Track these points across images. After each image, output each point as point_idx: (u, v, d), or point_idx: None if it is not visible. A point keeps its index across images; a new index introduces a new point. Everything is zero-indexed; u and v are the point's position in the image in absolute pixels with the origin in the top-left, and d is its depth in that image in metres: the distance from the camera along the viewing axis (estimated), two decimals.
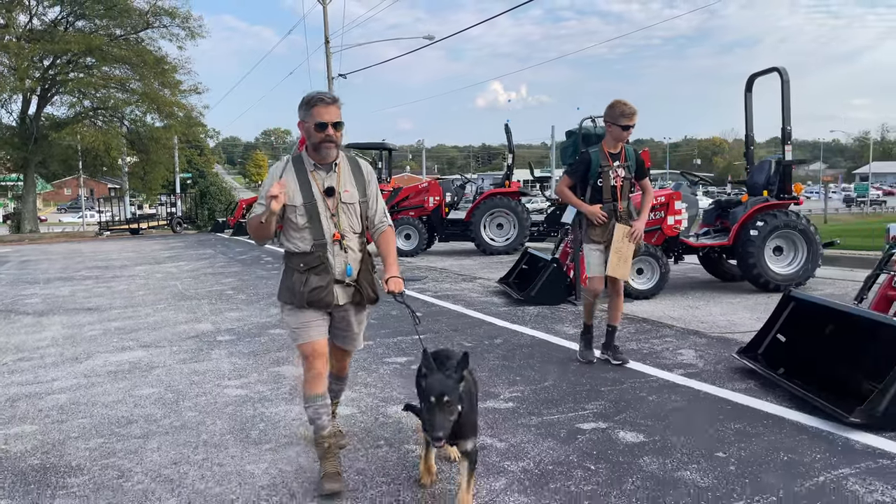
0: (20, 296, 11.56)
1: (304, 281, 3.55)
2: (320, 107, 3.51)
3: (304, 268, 3.57)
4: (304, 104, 3.57)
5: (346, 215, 3.64)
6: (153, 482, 3.68)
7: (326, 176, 3.62)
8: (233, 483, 3.64)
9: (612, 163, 5.65)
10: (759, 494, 3.29)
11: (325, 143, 3.53)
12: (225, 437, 4.34)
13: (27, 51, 32.40)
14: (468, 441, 3.13)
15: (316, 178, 3.61)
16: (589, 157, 5.69)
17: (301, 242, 3.59)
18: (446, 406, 2.94)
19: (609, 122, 5.65)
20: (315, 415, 3.60)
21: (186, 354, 6.72)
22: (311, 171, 3.61)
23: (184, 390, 5.45)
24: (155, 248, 22.99)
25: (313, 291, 3.53)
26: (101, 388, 5.58)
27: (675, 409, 4.61)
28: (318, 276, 3.55)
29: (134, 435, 4.44)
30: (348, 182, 3.67)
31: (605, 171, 5.62)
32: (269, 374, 5.86)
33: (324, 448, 3.60)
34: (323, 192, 3.59)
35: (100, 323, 8.65)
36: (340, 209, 3.61)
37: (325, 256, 3.57)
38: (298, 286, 3.55)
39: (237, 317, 8.73)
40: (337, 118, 3.54)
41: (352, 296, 3.66)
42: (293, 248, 3.61)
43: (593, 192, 5.69)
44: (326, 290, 3.55)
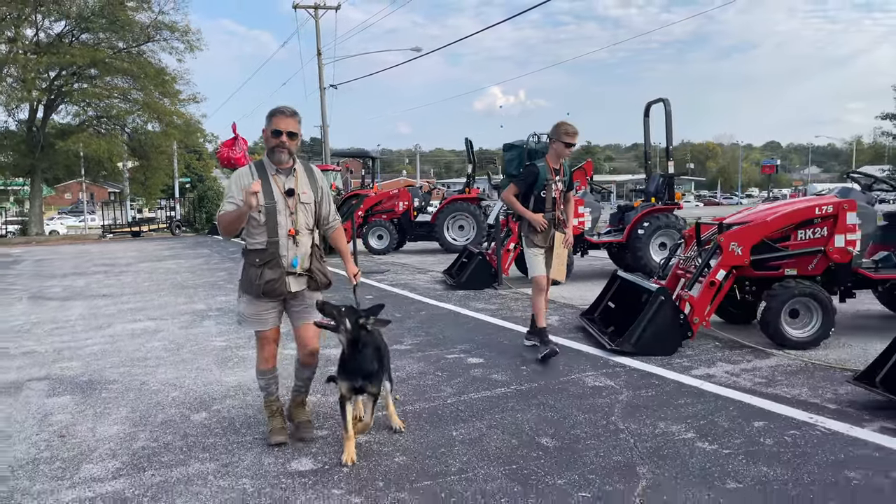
0: (43, 286, 13.68)
1: (259, 274, 4.07)
2: (279, 117, 4.09)
3: (260, 262, 4.08)
4: (268, 115, 4.13)
5: (304, 214, 4.17)
6: (163, 385, 5.82)
7: (286, 179, 4.15)
8: (213, 385, 5.77)
9: (554, 177, 6.27)
10: (535, 382, 5.42)
11: (278, 147, 4.08)
12: (210, 366, 6.47)
13: (34, 63, 34.45)
14: (374, 384, 4.02)
15: (277, 181, 4.14)
16: (537, 170, 6.26)
17: (258, 238, 4.12)
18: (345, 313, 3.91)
19: (554, 140, 6.25)
20: (266, 385, 4.40)
21: (184, 323, 8.86)
22: (272, 174, 4.14)
23: (182, 343, 7.59)
24: (156, 248, 25.14)
25: (268, 283, 4.06)
26: (123, 343, 7.70)
27: (515, 346, 6.76)
28: (272, 270, 4.07)
29: (149, 365, 6.58)
30: (305, 185, 4.21)
31: (549, 184, 6.24)
32: (245, 334, 7.97)
33: (272, 409, 4.40)
34: (284, 194, 4.10)
35: (114, 305, 10.77)
36: (299, 208, 4.14)
37: (278, 252, 4.09)
38: (255, 279, 4.08)
39: (226, 299, 10.86)
40: (292, 128, 4.10)
41: (305, 283, 4.21)
42: (253, 243, 4.14)
43: (536, 201, 6.28)
44: (279, 282, 4.09)
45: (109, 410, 5.14)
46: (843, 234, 6.45)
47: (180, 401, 5.35)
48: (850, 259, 6.52)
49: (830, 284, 6.66)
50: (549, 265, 6.38)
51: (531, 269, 6.40)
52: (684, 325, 6.30)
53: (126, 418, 4.95)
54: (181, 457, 4.16)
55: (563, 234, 6.32)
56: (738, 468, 3.72)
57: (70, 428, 4.77)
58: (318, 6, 38.96)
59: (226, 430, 4.61)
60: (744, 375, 5.52)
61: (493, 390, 5.34)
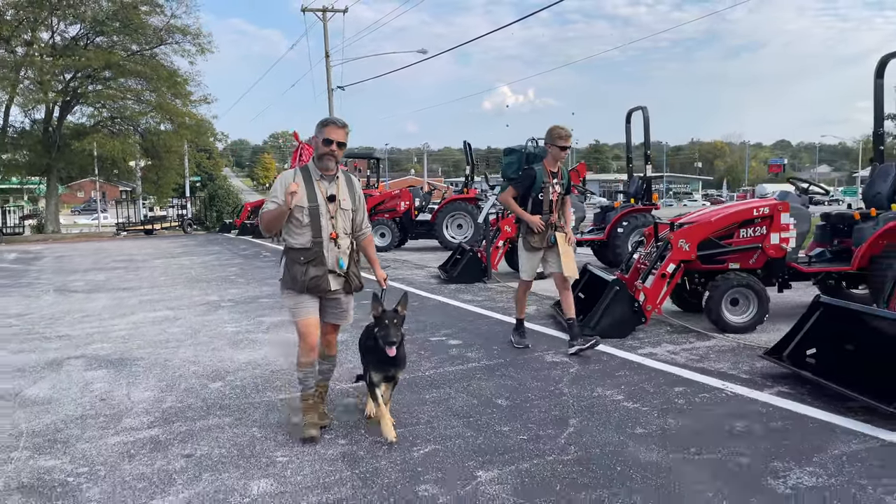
0: (67, 280, 14.68)
1: (304, 271, 4.36)
2: (331, 127, 4.40)
3: (304, 260, 4.37)
4: (320, 124, 4.44)
5: (342, 219, 4.47)
6: (183, 362, 6.76)
7: (329, 185, 4.46)
8: (226, 361, 6.72)
9: (551, 180, 6.51)
10: (503, 359, 6.33)
11: (327, 155, 4.38)
12: (223, 347, 7.41)
13: (50, 65, 35.56)
14: (401, 371, 4.60)
15: (320, 186, 4.44)
16: (534, 173, 6.49)
17: (301, 238, 4.39)
18: (396, 325, 4.34)
19: (549, 144, 6.49)
20: (304, 377, 4.57)
21: (200, 312, 9.81)
22: (316, 180, 4.44)
23: (199, 328, 8.54)
24: (169, 245, 26.17)
25: (312, 280, 4.36)
26: (145, 329, 8.66)
27: (493, 331, 7.67)
28: (316, 268, 4.36)
29: (170, 346, 7.53)
30: (345, 192, 4.52)
31: (546, 187, 6.47)
32: (255, 321, 8.94)
33: (307, 404, 4.57)
34: (326, 199, 4.41)
35: (135, 297, 11.75)
36: (339, 213, 4.45)
37: (321, 251, 4.38)
38: (300, 276, 4.36)
39: (237, 292, 11.82)
40: (342, 139, 4.42)
41: (342, 284, 4.52)
42: (294, 243, 4.42)
43: (534, 204, 6.51)
44: (323, 279, 4.38)
45: (139, 381, 6.09)
46: (778, 232, 7.37)
47: (199, 373, 6.29)
48: (785, 254, 7.43)
49: (769, 277, 7.56)
50: (554, 266, 6.56)
51: (522, 270, 6.70)
52: (638, 312, 7.21)
53: (154, 386, 5.90)
54: (202, 413, 5.10)
55: (563, 233, 6.53)
56: (650, 420, 4.63)
57: (108, 393, 5.71)
58: (326, 9, 40.00)
59: (238, 395, 5.55)
60: (682, 353, 6.43)
61: (465, 365, 6.27)
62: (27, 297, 12.13)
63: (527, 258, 6.62)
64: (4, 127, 38.05)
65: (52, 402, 5.52)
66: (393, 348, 4.30)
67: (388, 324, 4.33)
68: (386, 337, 4.30)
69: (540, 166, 6.53)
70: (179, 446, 4.43)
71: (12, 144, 38.39)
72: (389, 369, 4.48)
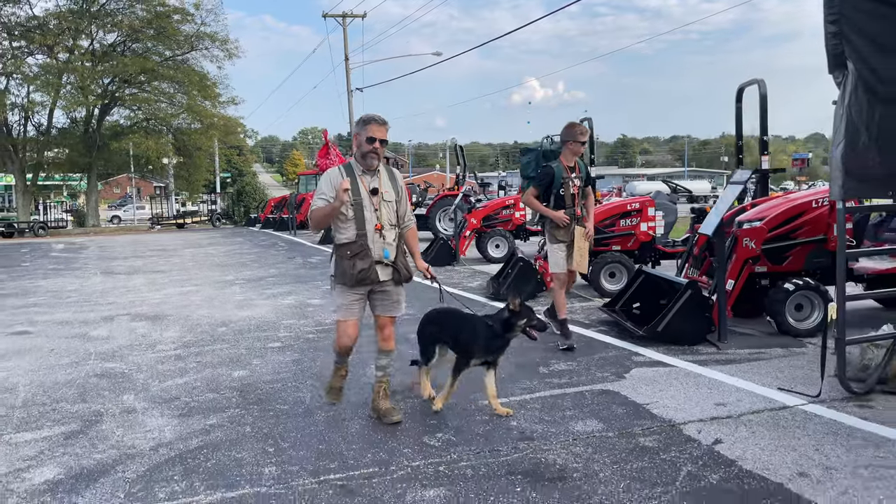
0: (111, 265, 17.38)
1: (352, 265, 4.43)
2: (373, 125, 4.48)
3: (350, 255, 4.44)
4: (361, 121, 4.54)
5: (387, 210, 4.56)
6: (200, 317, 9.27)
7: (371, 179, 4.54)
8: (231, 316, 9.23)
9: (570, 174, 6.63)
10: None
11: (371, 153, 4.47)
12: (231, 308, 9.93)
13: (90, 71, 38.53)
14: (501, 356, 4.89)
15: (363, 181, 4.53)
16: (552, 170, 6.61)
17: (347, 232, 4.49)
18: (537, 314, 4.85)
19: (568, 141, 6.65)
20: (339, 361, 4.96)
21: (217, 287, 12.37)
22: (359, 175, 4.53)
23: (214, 297, 11.08)
24: (198, 237, 28.95)
25: (361, 272, 4.44)
26: (174, 298, 11.22)
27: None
28: (362, 261, 4.44)
29: (191, 308, 10.06)
30: (387, 184, 4.61)
31: (566, 181, 6.58)
32: (258, 292, 11.46)
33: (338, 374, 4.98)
34: (369, 192, 4.50)
35: (166, 277, 14.36)
36: (383, 205, 4.53)
37: (366, 244, 4.46)
38: (349, 270, 4.44)
39: (249, 273, 14.37)
40: (383, 136, 4.51)
41: (391, 274, 4.62)
42: (341, 237, 4.53)
43: (556, 199, 6.63)
44: (371, 271, 4.46)
45: (168, 327, 8.62)
46: (646, 222, 9.78)
47: (211, 323, 8.81)
48: (652, 239, 9.74)
49: (643, 256, 9.86)
50: (570, 258, 6.73)
51: (552, 264, 6.81)
52: (540, 282, 9.55)
53: (178, 329, 8.42)
54: (210, 343, 7.60)
55: (583, 227, 6.64)
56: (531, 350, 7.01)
57: (147, 334, 8.24)
58: (345, 14, 42.57)
59: (235, 333, 8.04)
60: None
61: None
62: (79, 277, 14.81)
63: (554, 251, 6.76)
64: (49, 128, 41.21)
65: (109, 338, 8.06)
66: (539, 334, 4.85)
67: (535, 315, 4.81)
68: (541, 326, 4.87)
69: (557, 163, 6.68)
70: (193, 358, 6.92)
71: (56, 144, 41.46)
72: (494, 355, 4.82)
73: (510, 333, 4.70)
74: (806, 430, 4.30)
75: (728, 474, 3.72)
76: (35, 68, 39.27)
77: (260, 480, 3.87)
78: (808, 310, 6.77)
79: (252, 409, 5.19)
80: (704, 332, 6.57)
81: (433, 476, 3.85)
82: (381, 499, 3.59)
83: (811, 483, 3.57)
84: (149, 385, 5.94)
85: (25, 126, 41.08)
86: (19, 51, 39.33)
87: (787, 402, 4.85)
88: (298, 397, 5.46)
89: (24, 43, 39.21)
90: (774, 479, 3.62)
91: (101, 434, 4.72)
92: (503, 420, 4.75)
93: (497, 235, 14.51)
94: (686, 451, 4.03)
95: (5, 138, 39.05)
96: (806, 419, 4.51)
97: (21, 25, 38.99)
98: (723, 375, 5.56)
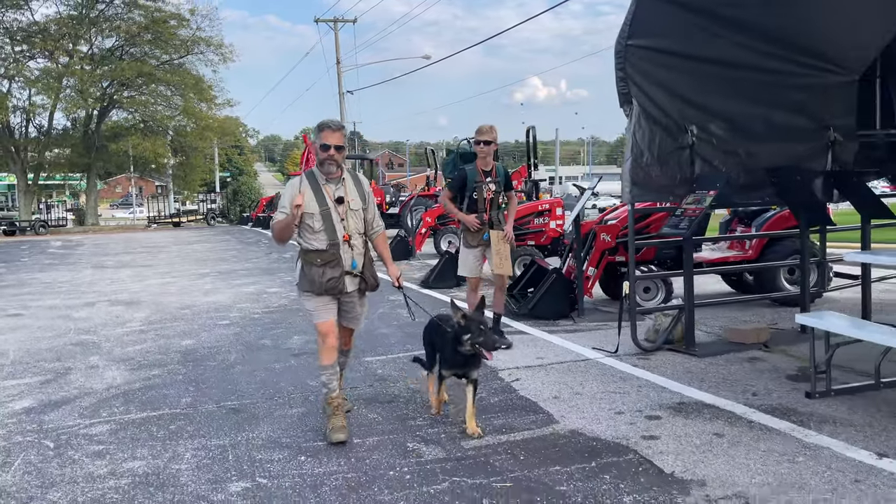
0: (101, 260, 18.92)
1: (322, 273, 4.38)
2: (326, 132, 4.36)
3: (321, 262, 4.38)
4: (316, 128, 4.41)
5: (354, 220, 4.47)
6: (170, 302, 10.78)
7: (336, 188, 4.43)
8: (197, 301, 10.73)
9: (484, 179, 6.53)
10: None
11: (327, 160, 4.37)
12: (198, 295, 11.43)
13: (89, 75, 40.04)
14: (476, 371, 4.52)
15: (328, 190, 4.42)
16: (465, 173, 6.61)
17: (317, 242, 4.40)
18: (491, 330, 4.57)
19: (474, 143, 6.68)
20: (327, 380, 4.53)
21: (192, 278, 13.89)
22: (323, 184, 4.42)
23: (187, 287, 12.59)
24: (189, 235, 30.52)
25: (329, 281, 4.37)
26: (152, 288, 12.74)
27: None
28: (332, 269, 4.38)
29: (164, 295, 11.57)
30: (353, 192, 4.50)
31: (479, 186, 6.52)
32: (225, 282, 12.97)
33: (333, 406, 4.50)
34: (334, 201, 4.41)
35: (150, 270, 15.89)
36: (349, 214, 4.45)
37: (338, 253, 4.40)
38: (318, 277, 4.37)
39: (225, 267, 15.89)
40: (338, 142, 4.38)
41: (357, 284, 4.54)
42: (310, 246, 4.42)
43: (469, 203, 6.59)
44: (339, 280, 4.40)
45: (140, 310, 10.12)
46: (554, 220, 11.16)
47: (177, 306, 10.31)
48: (561, 235, 11.20)
49: (554, 250, 11.33)
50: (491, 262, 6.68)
51: (461, 267, 6.79)
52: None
53: (148, 311, 9.93)
54: (171, 321, 9.10)
55: (500, 230, 6.58)
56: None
57: (119, 316, 9.73)
58: (336, 20, 44.05)
59: (194, 315, 9.54)
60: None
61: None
62: (71, 271, 16.35)
63: (465, 255, 6.71)
64: (49, 130, 42.78)
65: (88, 318, 9.57)
66: (492, 354, 4.42)
67: (485, 329, 4.40)
68: (488, 344, 4.36)
69: (472, 166, 6.65)
70: (153, 332, 8.42)
71: (56, 145, 43.02)
72: (463, 369, 4.52)
73: (461, 348, 4.41)
74: (587, 373, 5.78)
75: (507, 398, 5.20)
76: (36, 72, 40.87)
77: (177, 406, 5.37)
78: (654, 291, 8.27)
79: (188, 365, 6.69)
80: (568, 310, 8.05)
81: (300, 401, 5.34)
82: (258, 415, 5.08)
83: (557, 401, 5.05)
84: (112, 350, 7.44)
85: (27, 128, 42.72)
86: (21, 55, 40.90)
87: (592, 356, 6.33)
88: (227, 358, 6.96)
89: (25, 47, 40.79)
90: (534, 400, 5.12)
91: (68, 381, 6.22)
92: (364, 364, 6.23)
93: (449, 233, 16.00)
94: (490, 386, 5.51)
95: (8, 140, 40.60)
96: (594, 367, 5.99)
97: (23, 30, 40.54)
98: (559, 340, 7.05)
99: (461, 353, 4.43)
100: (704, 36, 6.15)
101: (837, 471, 3.66)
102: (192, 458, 4.25)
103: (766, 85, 6.51)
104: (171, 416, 5.12)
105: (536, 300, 8.03)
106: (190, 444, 4.50)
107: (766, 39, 6.31)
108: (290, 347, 7.29)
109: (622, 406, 4.91)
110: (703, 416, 4.64)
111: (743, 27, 6.18)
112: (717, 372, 5.68)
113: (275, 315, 9.29)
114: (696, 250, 8.66)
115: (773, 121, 6.63)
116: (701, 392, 5.14)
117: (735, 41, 6.24)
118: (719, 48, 6.21)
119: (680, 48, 6.15)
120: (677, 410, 4.76)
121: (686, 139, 6.29)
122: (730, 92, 6.43)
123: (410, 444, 4.36)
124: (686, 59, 6.20)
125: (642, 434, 4.33)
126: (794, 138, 6.78)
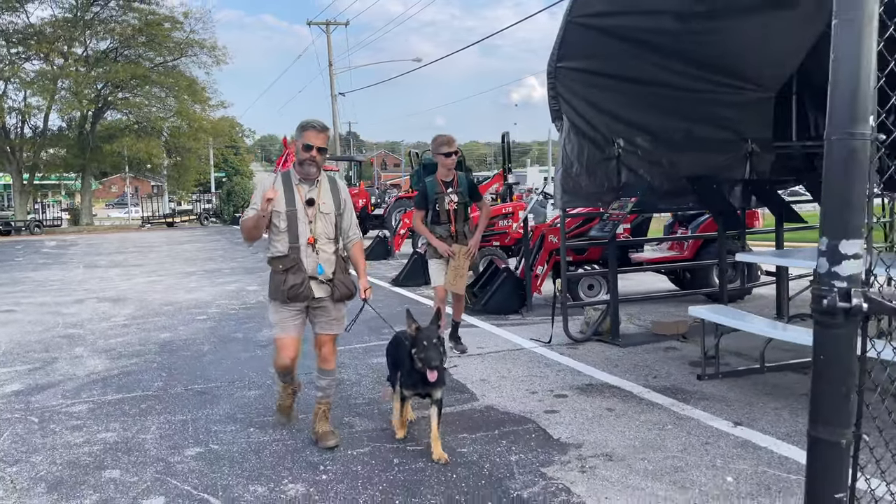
0: (93, 260, 19.57)
1: (283, 280, 4.24)
2: (310, 132, 4.26)
3: (283, 269, 4.26)
4: (299, 127, 4.32)
5: (323, 223, 4.33)
6: (153, 299, 11.45)
7: (309, 189, 4.32)
8: (179, 297, 11.41)
9: (445, 190, 6.43)
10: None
11: (308, 161, 4.27)
12: (181, 293, 12.10)
13: (84, 77, 40.64)
14: (439, 391, 4.19)
15: (300, 190, 4.32)
16: (425, 186, 6.56)
17: (280, 245, 4.29)
18: (436, 346, 4.05)
19: (435, 154, 6.59)
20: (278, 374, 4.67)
21: (178, 277, 14.56)
22: (296, 184, 4.32)
23: (172, 285, 13.26)
24: (181, 235, 31.18)
25: (292, 288, 4.22)
26: (140, 286, 13.40)
27: None
28: (294, 275, 4.23)
29: (150, 293, 12.24)
30: (326, 196, 4.38)
31: (440, 197, 6.42)
32: (209, 280, 13.64)
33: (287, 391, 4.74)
34: (305, 202, 4.28)
35: (139, 269, 16.56)
36: (318, 217, 4.31)
37: (299, 258, 4.25)
38: (280, 285, 4.25)
39: (212, 266, 16.56)
40: (321, 144, 4.28)
41: (327, 291, 4.35)
42: (274, 251, 4.33)
43: (433, 215, 6.52)
44: (303, 286, 4.24)
45: (126, 306, 10.79)
46: (517, 222, 11.81)
47: (160, 302, 10.98)
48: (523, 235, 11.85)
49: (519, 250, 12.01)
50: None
51: (432, 279, 6.72)
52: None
53: (132, 308, 10.60)
54: (153, 317, 9.77)
55: (464, 245, 6.43)
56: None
57: (105, 311, 10.40)
58: (329, 23, 44.74)
59: (175, 311, 10.21)
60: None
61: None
62: (63, 270, 17.01)
63: (432, 266, 6.66)
64: (44, 130, 43.39)
65: (76, 314, 10.24)
66: (434, 372, 4.01)
67: (429, 344, 4.04)
68: (428, 360, 4.01)
69: (431, 178, 6.59)
70: (136, 326, 9.09)
71: (51, 145, 43.65)
72: (424, 388, 4.20)
73: (413, 364, 4.12)
74: (517, 360, 6.48)
75: None
76: (32, 74, 41.48)
77: (150, 389, 6.05)
78: (597, 288, 8.97)
79: (164, 355, 7.36)
80: (518, 306, 8.75)
81: (259, 385, 6.02)
82: (220, 396, 5.76)
83: (483, 383, 5.76)
84: (96, 342, 8.12)
85: (22, 128, 43.28)
86: (17, 57, 41.48)
87: (526, 345, 7.03)
88: (200, 349, 7.63)
89: (21, 49, 41.37)
90: (463, 382, 5.82)
91: (54, 368, 6.89)
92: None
93: None
94: None
95: (3, 140, 41.16)
96: (526, 355, 6.69)
97: (19, 33, 41.13)
98: (503, 332, 7.75)
99: (417, 370, 4.11)
100: (628, 58, 6.82)
101: (694, 436, 4.37)
102: (156, 430, 4.94)
103: (687, 101, 7.20)
104: (143, 398, 5.79)
105: (489, 297, 8.72)
106: (157, 420, 5.18)
107: (686, 61, 7.00)
108: (258, 340, 7.96)
109: (538, 387, 5.61)
110: (603, 394, 5.34)
111: (663, 51, 6.85)
112: (630, 359, 6.39)
113: (250, 311, 9.96)
114: (637, 251, 9.36)
115: (695, 133, 7.33)
116: (609, 375, 5.85)
117: (657, 63, 6.92)
118: (642, 69, 6.89)
119: (606, 69, 6.83)
120: (583, 390, 5.46)
121: (613, 151, 6.98)
122: (653, 108, 7.13)
123: (347, 418, 5.04)
124: (612, 79, 6.89)
125: (546, 409, 5.03)
126: (714, 149, 7.48)
